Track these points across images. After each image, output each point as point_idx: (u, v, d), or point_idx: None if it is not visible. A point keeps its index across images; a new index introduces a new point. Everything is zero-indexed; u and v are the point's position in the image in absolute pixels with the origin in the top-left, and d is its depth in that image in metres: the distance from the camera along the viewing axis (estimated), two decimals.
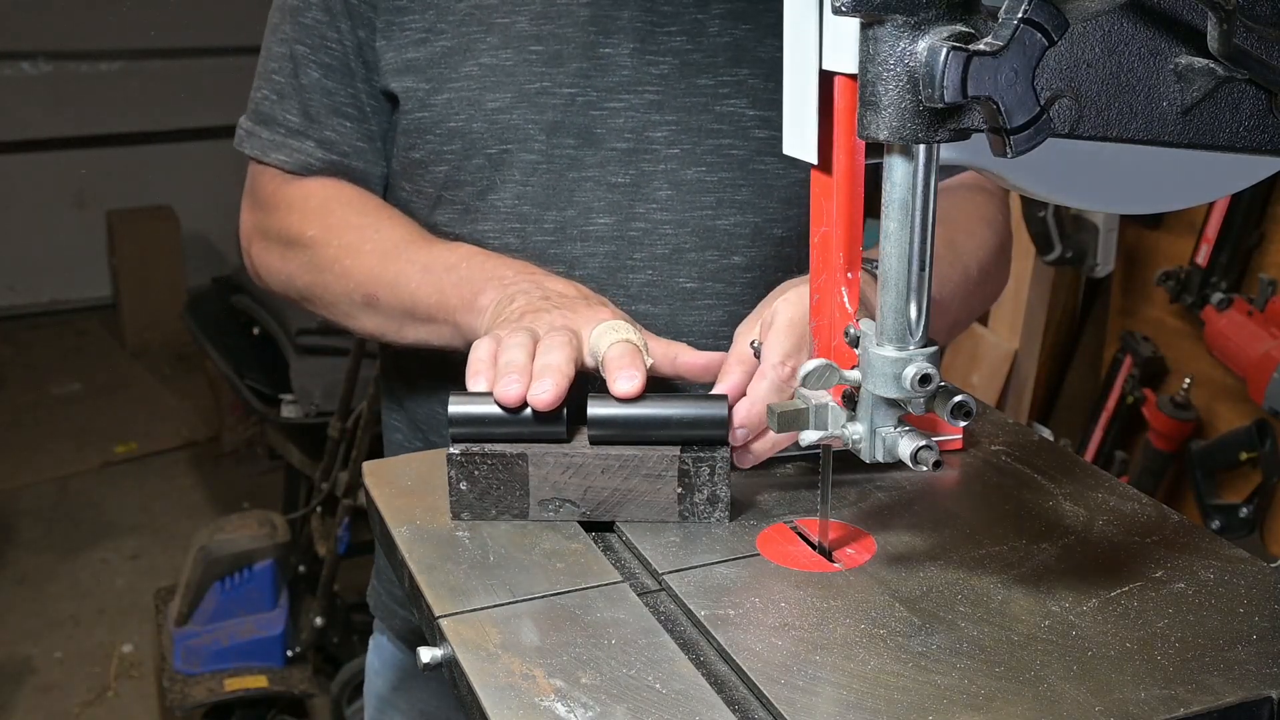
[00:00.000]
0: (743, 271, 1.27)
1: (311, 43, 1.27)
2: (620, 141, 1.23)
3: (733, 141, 1.25)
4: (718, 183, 1.25)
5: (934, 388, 0.79)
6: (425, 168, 1.26)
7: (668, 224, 1.25)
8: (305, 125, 1.29)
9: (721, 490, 0.99)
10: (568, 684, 0.80)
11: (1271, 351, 2.28)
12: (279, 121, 1.30)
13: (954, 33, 0.68)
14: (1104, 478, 1.08)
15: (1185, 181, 0.87)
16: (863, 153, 0.81)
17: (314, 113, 1.28)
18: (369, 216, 1.27)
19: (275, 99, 1.30)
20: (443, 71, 1.23)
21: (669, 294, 1.26)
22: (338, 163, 1.30)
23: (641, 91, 1.23)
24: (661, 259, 1.25)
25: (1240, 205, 2.39)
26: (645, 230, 1.25)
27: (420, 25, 1.23)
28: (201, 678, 2.98)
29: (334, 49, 1.26)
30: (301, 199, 1.29)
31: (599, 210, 1.24)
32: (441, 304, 1.17)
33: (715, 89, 1.24)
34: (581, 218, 1.24)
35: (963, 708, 0.76)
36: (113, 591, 3.83)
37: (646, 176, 1.24)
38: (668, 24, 1.23)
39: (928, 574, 0.92)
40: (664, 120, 1.23)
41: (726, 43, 1.23)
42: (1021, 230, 2.87)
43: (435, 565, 0.94)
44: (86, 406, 5.07)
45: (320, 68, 1.27)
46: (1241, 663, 0.81)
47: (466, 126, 1.23)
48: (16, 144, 5.83)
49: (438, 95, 1.23)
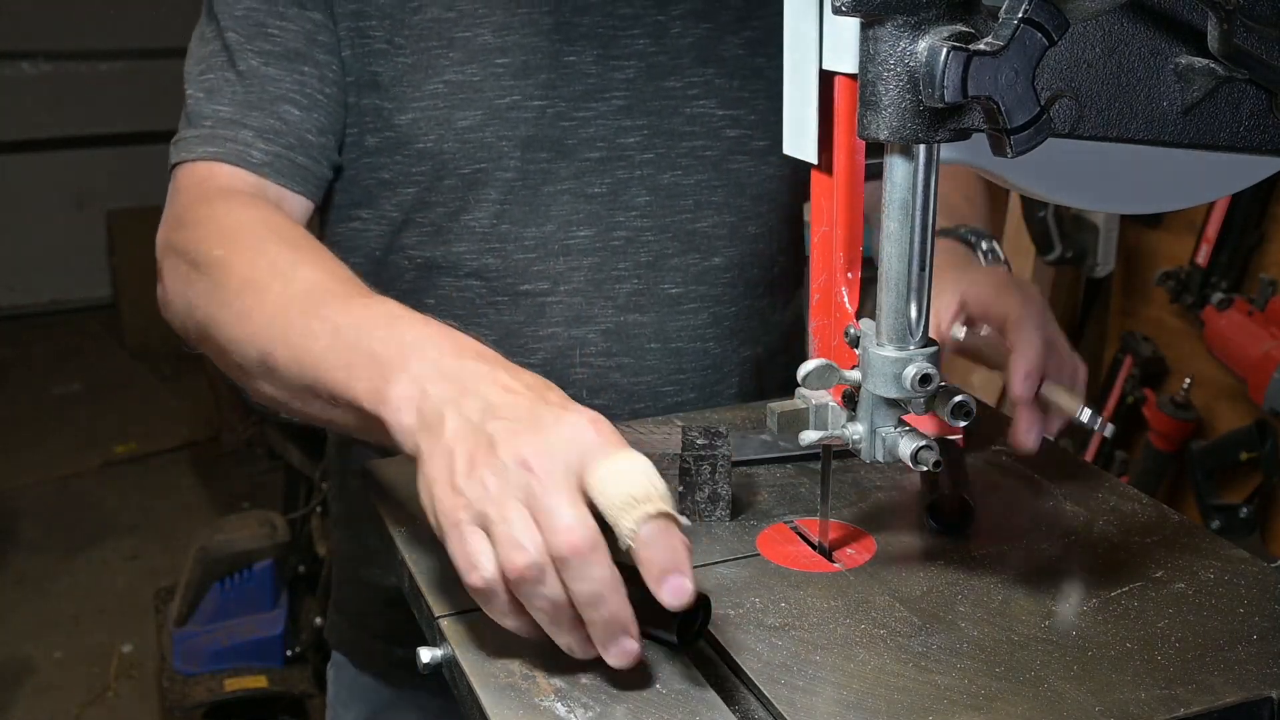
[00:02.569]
0: (723, 272, 1.27)
1: (247, 31, 1.15)
2: (593, 151, 1.21)
3: (705, 143, 1.24)
4: (694, 185, 1.24)
5: (934, 388, 0.79)
6: (392, 189, 1.21)
7: (649, 230, 1.24)
8: (240, 114, 1.14)
9: (723, 489, 0.99)
10: (568, 684, 0.80)
11: (1271, 351, 2.28)
12: (206, 115, 1.15)
13: (954, 33, 0.68)
14: (1104, 478, 1.08)
15: (1185, 181, 0.87)
16: (863, 153, 0.81)
17: (253, 100, 1.14)
18: (289, 250, 1.03)
19: (203, 95, 1.16)
20: (405, 90, 1.17)
21: (655, 301, 1.25)
22: (282, 155, 1.14)
23: (609, 98, 1.20)
24: (645, 266, 1.24)
25: (1240, 205, 2.39)
26: (627, 239, 1.23)
27: (380, 35, 1.17)
28: (201, 678, 2.97)
29: (275, 35, 1.15)
30: (220, 214, 1.09)
31: (578, 222, 1.22)
32: (347, 385, 0.89)
33: (684, 90, 1.22)
34: (561, 231, 1.21)
35: (963, 708, 0.76)
36: (113, 591, 3.83)
37: (623, 184, 1.22)
38: (629, 27, 1.20)
39: (928, 574, 0.92)
40: (635, 125, 1.21)
41: (690, 43, 1.22)
42: (1021, 230, 2.87)
43: (435, 565, 0.94)
44: (86, 406, 5.06)
45: (259, 55, 1.15)
46: (1241, 663, 0.81)
47: (437, 147, 1.18)
48: (16, 144, 5.83)
49: (402, 115, 1.17)
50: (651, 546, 0.76)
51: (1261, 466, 2.37)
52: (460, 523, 0.78)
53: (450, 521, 0.78)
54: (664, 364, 1.26)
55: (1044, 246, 2.75)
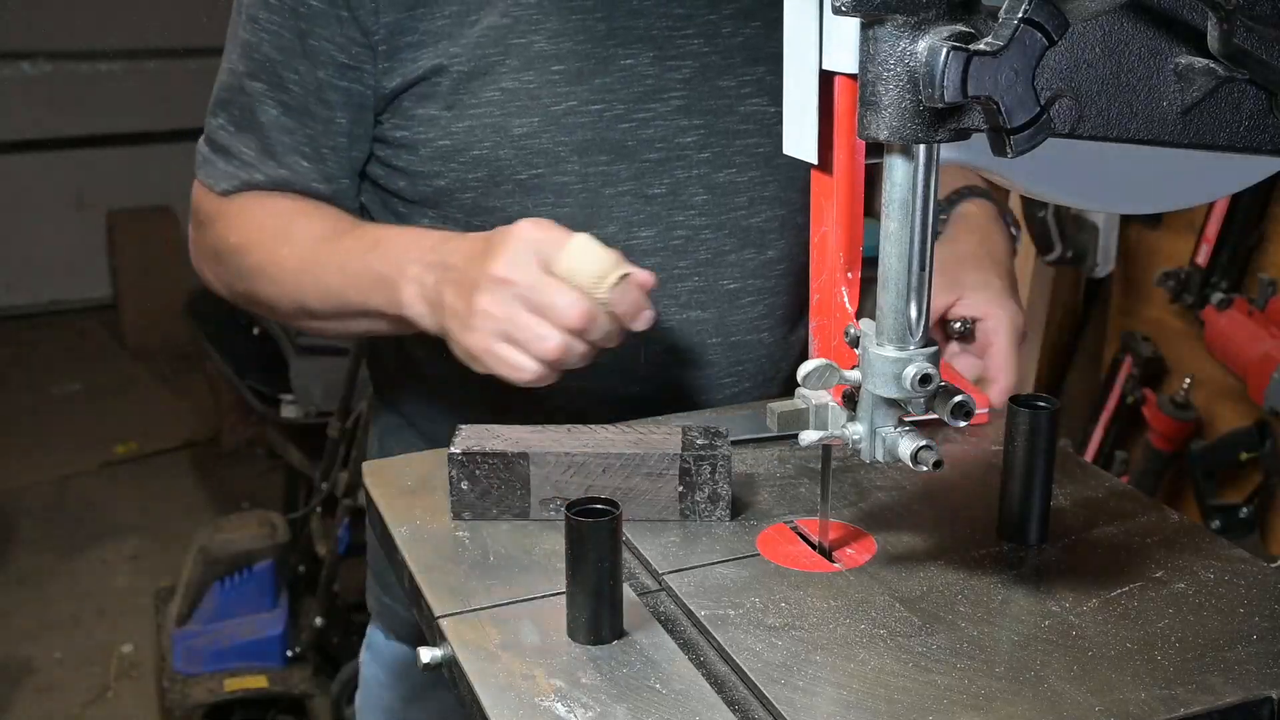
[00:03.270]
0: (776, 264, 1.30)
1: (269, 79, 1.22)
2: (652, 152, 1.22)
3: (759, 140, 1.25)
4: (748, 182, 1.26)
5: (934, 388, 0.79)
6: (451, 195, 1.23)
7: (707, 228, 1.26)
8: (260, 160, 1.25)
9: (722, 488, 0.99)
10: (568, 684, 0.80)
11: (1271, 351, 2.28)
12: (234, 154, 1.26)
13: (954, 33, 0.68)
14: (1104, 478, 1.08)
15: (1185, 181, 0.87)
16: (863, 153, 0.81)
17: (270, 148, 1.24)
18: (282, 218, 1.24)
19: (232, 130, 1.26)
20: (462, 98, 1.18)
21: (715, 297, 1.27)
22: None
23: (667, 99, 1.22)
24: (705, 264, 1.26)
25: (1240, 205, 2.39)
26: (687, 237, 1.25)
27: (432, 54, 1.18)
28: (201, 678, 2.97)
29: (293, 89, 1.21)
30: (232, 212, 1.27)
31: (639, 223, 1.24)
32: (368, 301, 1.15)
33: (737, 89, 1.24)
34: (623, 233, 1.23)
35: (963, 708, 0.76)
36: (113, 591, 3.82)
37: (681, 184, 1.24)
38: (684, 27, 1.21)
39: (928, 574, 0.92)
40: (692, 125, 1.23)
41: (740, 42, 1.23)
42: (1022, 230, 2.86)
43: (435, 565, 0.94)
44: (86, 406, 5.06)
45: (278, 106, 1.22)
46: (1241, 663, 0.81)
47: (493, 154, 1.19)
48: (16, 144, 5.83)
49: (459, 122, 1.19)
50: (623, 304, 1.01)
51: (1261, 466, 2.37)
52: (490, 346, 1.02)
53: (483, 349, 1.02)
54: (724, 357, 1.29)
55: (1044, 246, 2.75)
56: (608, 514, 0.82)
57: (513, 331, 1.00)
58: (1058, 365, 2.99)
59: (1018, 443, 0.95)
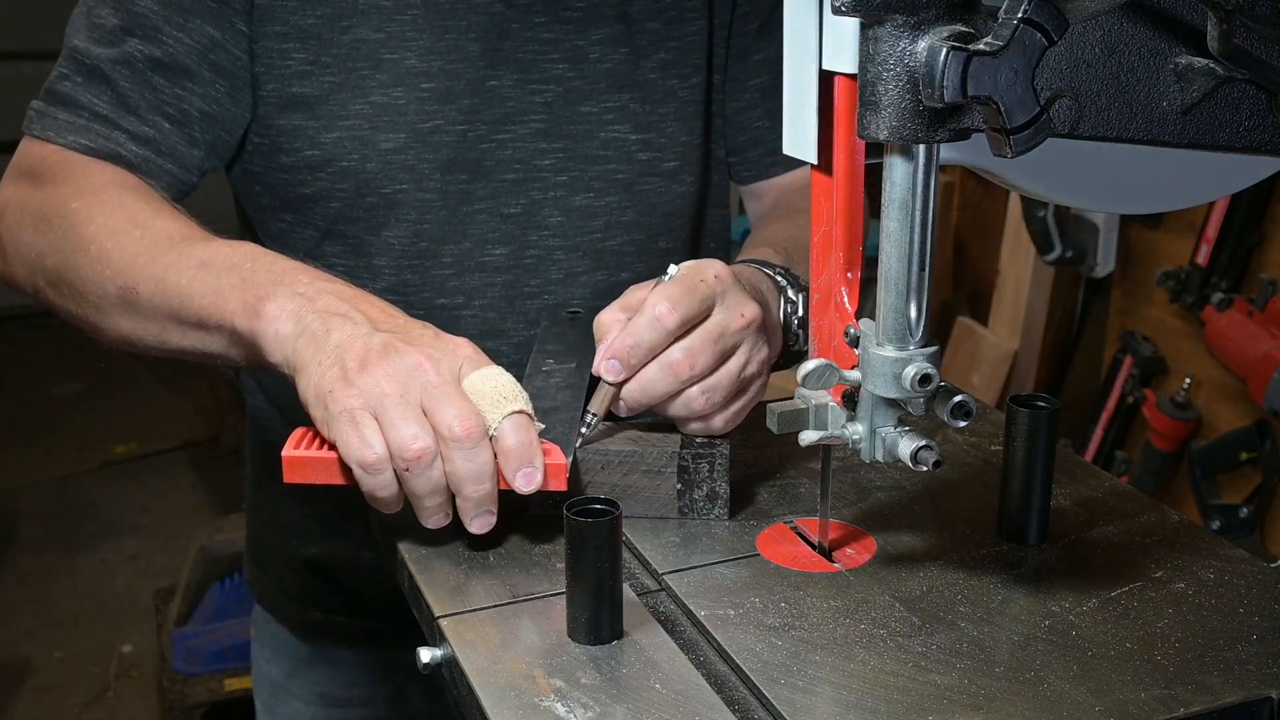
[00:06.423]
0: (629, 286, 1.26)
1: (142, 31, 1.14)
2: (510, 172, 1.24)
3: (617, 166, 1.27)
4: (605, 206, 1.28)
5: (934, 388, 0.79)
6: (314, 203, 1.23)
7: (560, 249, 1.27)
8: (118, 114, 1.15)
9: (721, 487, 0.99)
10: (567, 684, 0.80)
11: (1271, 351, 2.28)
12: (83, 105, 1.15)
13: (954, 33, 0.68)
14: (1104, 478, 1.08)
15: (1185, 181, 0.87)
16: (863, 153, 0.81)
17: (132, 104, 1.14)
18: (149, 204, 1.10)
19: (80, 81, 1.15)
20: (331, 109, 1.18)
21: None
22: (150, 159, 1.15)
23: (527, 121, 1.23)
24: (556, 283, 1.28)
25: (1240, 205, 2.39)
26: (539, 257, 1.27)
27: (302, 57, 1.17)
28: (201, 678, 2.97)
29: (168, 44, 1.14)
30: (79, 175, 1.13)
31: (494, 241, 1.25)
32: (216, 306, 0.98)
33: (599, 115, 1.25)
34: (477, 249, 1.25)
35: (963, 708, 0.76)
36: (113, 591, 3.83)
37: (537, 205, 1.25)
38: (550, 52, 1.22)
39: (928, 574, 0.92)
40: (551, 148, 1.24)
41: (606, 69, 1.24)
42: (1021, 230, 2.87)
43: (435, 565, 0.94)
44: (86, 406, 5.06)
45: (147, 61, 1.14)
46: (1241, 663, 0.81)
47: (360, 166, 1.20)
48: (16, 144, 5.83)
49: (327, 133, 1.19)
50: (510, 438, 0.89)
51: (1261, 466, 2.37)
52: (354, 410, 0.88)
53: (343, 409, 0.88)
54: None
55: (1044, 246, 2.75)
56: (607, 514, 0.82)
57: (388, 412, 0.87)
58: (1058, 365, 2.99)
59: (1018, 443, 0.95)
